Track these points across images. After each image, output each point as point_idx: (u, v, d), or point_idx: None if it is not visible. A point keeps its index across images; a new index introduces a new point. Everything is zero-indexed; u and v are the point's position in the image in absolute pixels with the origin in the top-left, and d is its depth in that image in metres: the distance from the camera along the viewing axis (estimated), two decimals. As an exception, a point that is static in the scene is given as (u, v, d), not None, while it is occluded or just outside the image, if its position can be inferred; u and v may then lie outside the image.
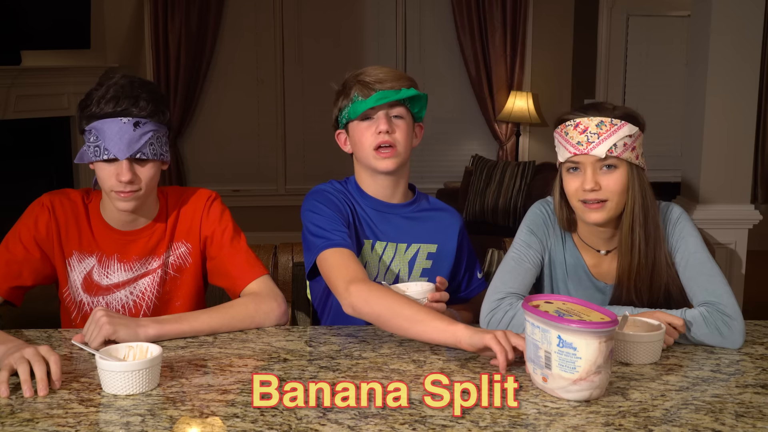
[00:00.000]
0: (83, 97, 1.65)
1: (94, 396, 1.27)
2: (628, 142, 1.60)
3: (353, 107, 1.76)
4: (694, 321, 1.55)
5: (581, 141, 1.61)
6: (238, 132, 5.93)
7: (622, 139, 1.59)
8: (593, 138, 1.60)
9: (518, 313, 1.59)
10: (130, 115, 1.60)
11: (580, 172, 1.63)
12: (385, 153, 1.74)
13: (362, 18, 5.91)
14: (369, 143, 1.75)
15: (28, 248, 1.69)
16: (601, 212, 1.62)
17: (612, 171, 1.61)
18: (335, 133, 1.87)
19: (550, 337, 1.26)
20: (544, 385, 1.29)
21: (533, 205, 1.78)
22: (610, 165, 1.61)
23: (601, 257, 1.73)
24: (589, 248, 1.74)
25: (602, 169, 1.61)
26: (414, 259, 1.82)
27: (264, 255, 2.00)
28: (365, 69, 1.79)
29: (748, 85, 3.08)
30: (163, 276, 1.76)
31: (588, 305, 1.34)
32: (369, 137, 1.75)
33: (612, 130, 1.59)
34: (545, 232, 1.74)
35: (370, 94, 1.73)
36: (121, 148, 1.59)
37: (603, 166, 1.61)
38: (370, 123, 1.75)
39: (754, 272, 3.65)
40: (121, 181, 1.60)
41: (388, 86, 1.73)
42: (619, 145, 1.59)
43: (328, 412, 1.22)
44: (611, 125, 1.59)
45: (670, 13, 5.77)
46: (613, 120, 1.59)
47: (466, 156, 5.58)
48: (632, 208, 1.63)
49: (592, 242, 1.73)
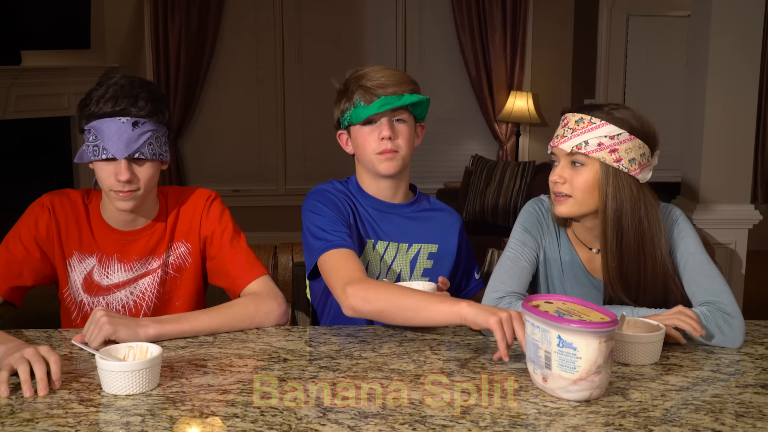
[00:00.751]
0: (83, 97, 1.65)
1: (94, 396, 1.27)
2: (605, 142, 1.59)
3: (355, 112, 1.75)
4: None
5: (558, 134, 1.65)
6: (238, 132, 5.93)
7: (597, 138, 1.59)
8: (567, 133, 1.63)
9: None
10: (128, 115, 1.60)
11: (556, 164, 1.66)
12: (388, 156, 1.75)
13: (362, 18, 5.91)
14: (372, 148, 1.75)
15: (28, 248, 1.69)
16: (564, 206, 1.65)
17: (579, 168, 1.63)
18: (337, 134, 1.86)
19: (550, 337, 1.26)
20: (544, 385, 1.29)
21: (527, 203, 1.79)
22: (575, 162, 1.63)
23: (594, 254, 1.74)
24: (583, 245, 1.74)
25: (574, 165, 1.63)
26: (415, 259, 1.82)
27: (264, 255, 2.00)
28: (367, 71, 1.77)
29: (748, 85, 3.09)
30: (163, 276, 1.76)
31: (588, 305, 1.34)
32: (372, 142, 1.75)
33: (587, 128, 1.60)
34: (539, 230, 1.75)
35: (372, 99, 1.73)
36: (120, 148, 1.59)
37: (572, 161, 1.63)
38: (372, 128, 1.75)
39: (754, 272, 3.65)
40: (120, 180, 1.60)
41: (391, 91, 1.73)
42: (592, 144, 1.59)
43: (328, 412, 1.22)
44: (589, 123, 1.60)
45: (670, 13, 5.77)
46: (593, 119, 1.60)
47: (466, 156, 5.58)
48: (604, 209, 1.62)
49: (585, 239, 1.74)
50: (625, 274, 1.65)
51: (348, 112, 1.78)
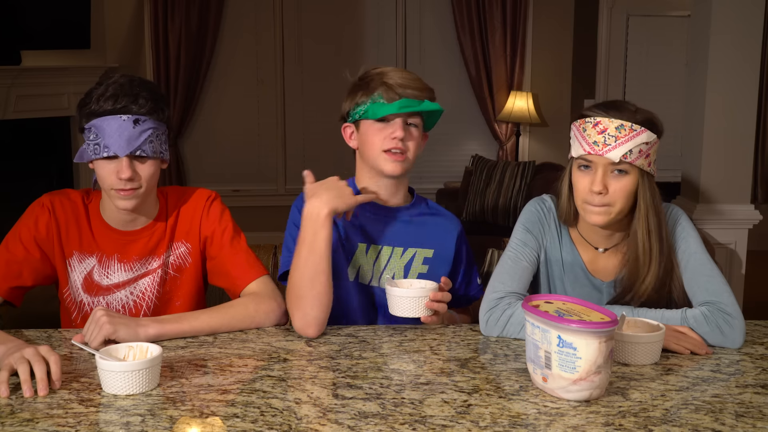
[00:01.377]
0: (83, 96, 1.65)
1: (94, 396, 1.27)
2: (643, 149, 1.58)
3: (373, 108, 1.73)
4: (695, 320, 1.55)
5: (598, 141, 1.59)
6: (238, 132, 5.93)
7: (638, 146, 1.58)
8: (610, 140, 1.58)
9: (516, 312, 1.59)
10: (129, 113, 1.60)
11: (591, 171, 1.62)
12: (395, 157, 1.73)
13: (362, 18, 5.91)
14: (380, 145, 1.73)
15: (28, 248, 1.69)
16: (604, 216, 1.62)
17: (622, 176, 1.60)
18: (341, 126, 1.83)
19: (550, 337, 1.26)
20: (544, 385, 1.29)
21: (528, 202, 1.78)
22: (621, 170, 1.60)
23: (598, 254, 1.73)
24: (587, 245, 1.74)
25: (613, 172, 1.60)
26: (410, 264, 1.81)
27: (264, 255, 2.00)
28: (389, 70, 1.76)
29: (748, 85, 3.09)
30: (163, 276, 1.76)
31: (588, 305, 1.34)
32: (381, 139, 1.73)
33: (630, 135, 1.57)
34: (541, 230, 1.74)
35: (394, 99, 1.71)
36: (121, 145, 1.59)
37: (615, 170, 1.60)
38: (384, 126, 1.74)
39: (754, 272, 3.65)
40: (121, 178, 1.60)
41: (412, 94, 1.72)
42: (635, 152, 1.58)
43: (328, 412, 1.22)
44: (630, 130, 1.57)
45: (670, 13, 5.77)
46: (633, 125, 1.57)
47: (466, 156, 5.58)
48: (645, 214, 1.62)
49: (592, 239, 1.73)
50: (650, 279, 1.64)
51: (363, 106, 1.75)
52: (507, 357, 1.48)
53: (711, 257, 1.67)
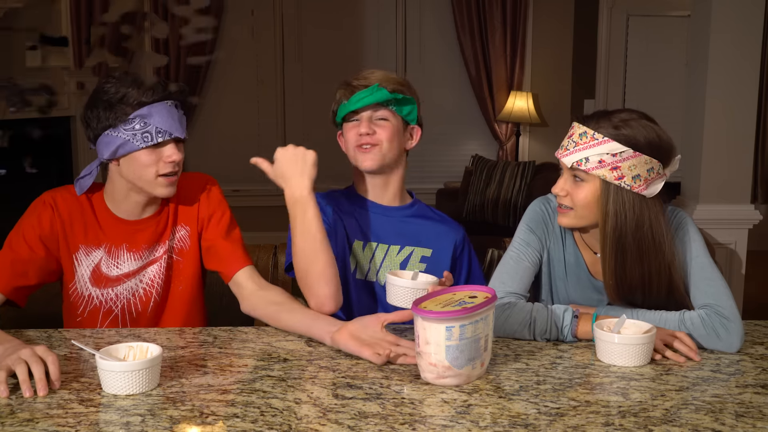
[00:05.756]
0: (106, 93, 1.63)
1: (94, 396, 1.27)
2: (606, 159, 1.56)
3: (340, 109, 1.82)
4: (692, 322, 1.55)
5: (563, 145, 1.63)
6: (238, 132, 5.93)
7: (598, 155, 1.56)
8: (570, 146, 1.61)
9: (514, 310, 1.59)
10: (171, 98, 1.66)
11: (561, 174, 1.65)
12: (365, 150, 1.78)
13: (362, 18, 5.91)
14: (353, 142, 1.80)
15: (32, 247, 1.69)
16: (566, 218, 1.65)
17: (579, 183, 1.61)
18: (337, 135, 1.89)
19: (425, 332, 1.30)
20: (426, 377, 1.33)
21: (533, 202, 1.78)
22: (576, 177, 1.61)
23: (598, 258, 1.73)
24: (588, 248, 1.74)
25: (574, 178, 1.62)
26: (406, 262, 1.82)
27: (264, 255, 2.00)
28: (360, 72, 1.81)
29: (748, 85, 3.08)
30: (168, 261, 1.78)
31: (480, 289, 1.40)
32: (353, 137, 1.80)
33: (590, 144, 1.57)
34: (544, 230, 1.74)
35: (349, 96, 1.78)
36: (177, 128, 1.65)
37: (573, 175, 1.62)
38: (355, 123, 1.80)
39: (754, 272, 3.65)
40: (173, 161, 1.65)
41: (362, 86, 1.76)
42: (592, 161, 1.56)
43: (328, 412, 1.22)
44: (592, 138, 1.57)
45: (670, 13, 5.77)
46: (596, 134, 1.57)
47: (466, 156, 5.58)
48: (603, 226, 1.60)
49: (590, 243, 1.73)
50: (628, 284, 1.62)
51: (337, 112, 1.83)
52: (507, 357, 1.48)
53: (713, 260, 1.66)
